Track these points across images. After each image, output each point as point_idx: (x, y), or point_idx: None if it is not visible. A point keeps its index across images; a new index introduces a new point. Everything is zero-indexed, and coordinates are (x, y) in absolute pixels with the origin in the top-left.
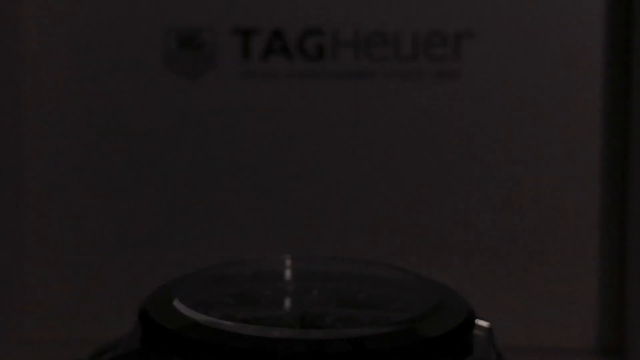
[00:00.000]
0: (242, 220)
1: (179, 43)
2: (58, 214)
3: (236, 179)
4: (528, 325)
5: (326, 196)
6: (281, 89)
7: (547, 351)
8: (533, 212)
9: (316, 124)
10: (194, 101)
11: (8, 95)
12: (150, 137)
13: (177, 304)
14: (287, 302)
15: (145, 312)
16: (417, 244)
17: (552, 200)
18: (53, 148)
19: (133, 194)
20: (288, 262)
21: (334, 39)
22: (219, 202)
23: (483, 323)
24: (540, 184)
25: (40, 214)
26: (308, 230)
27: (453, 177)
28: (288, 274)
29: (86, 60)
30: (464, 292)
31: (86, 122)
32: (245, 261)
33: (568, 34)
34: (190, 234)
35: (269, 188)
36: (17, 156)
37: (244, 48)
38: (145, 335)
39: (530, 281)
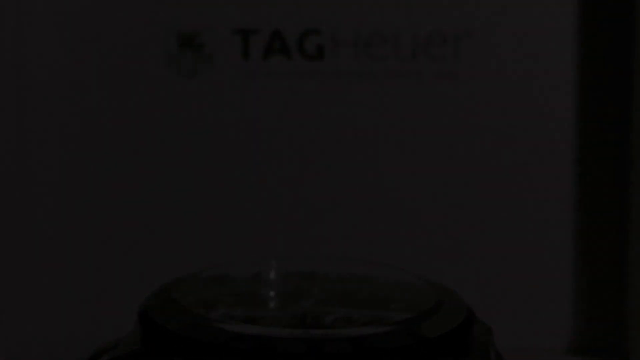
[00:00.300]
0: (241, 220)
1: (179, 43)
2: (58, 214)
3: (236, 179)
4: (527, 325)
5: (326, 196)
6: (281, 89)
7: (546, 351)
8: (534, 212)
9: (316, 123)
10: (194, 101)
11: (8, 96)
12: (150, 136)
13: (177, 304)
14: (287, 302)
15: (145, 312)
16: (417, 244)
17: (553, 199)
18: (53, 148)
19: (133, 194)
20: (288, 262)
21: (334, 39)
22: (219, 202)
23: (482, 323)
24: (541, 183)
25: (41, 213)
26: (308, 230)
27: (452, 177)
28: (287, 274)
29: (87, 60)
30: (463, 292)
31: (86, 122)
32: (244, 261)
33: (567, 35)
34: (190, 234)
35: (269, 188)
36: (17, 156)
37: (244, 48)
38: (145, 335)
39: (530, 282)
